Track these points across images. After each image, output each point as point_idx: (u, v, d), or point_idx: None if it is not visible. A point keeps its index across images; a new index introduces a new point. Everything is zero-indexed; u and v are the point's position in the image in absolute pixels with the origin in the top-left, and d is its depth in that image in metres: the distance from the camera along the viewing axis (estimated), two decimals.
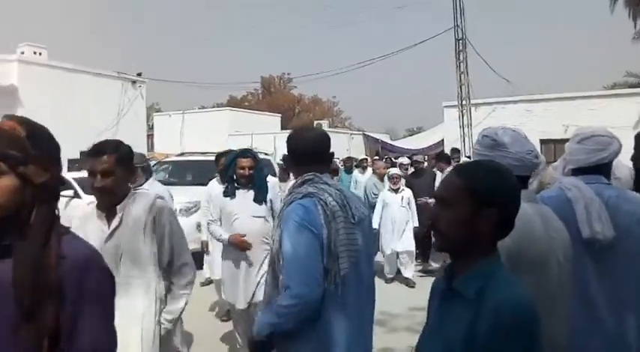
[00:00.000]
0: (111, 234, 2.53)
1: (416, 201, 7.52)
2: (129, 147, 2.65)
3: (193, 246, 5.12)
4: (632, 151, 2.80)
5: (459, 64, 16.02)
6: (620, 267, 2.23)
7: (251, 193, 4.04)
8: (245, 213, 3.99)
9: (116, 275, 1.48)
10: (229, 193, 4.06)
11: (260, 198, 4.03)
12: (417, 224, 7.33)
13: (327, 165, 2.27)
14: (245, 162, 3.98)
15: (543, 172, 2.40)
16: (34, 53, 17.45)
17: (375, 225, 7.07)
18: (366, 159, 10.87)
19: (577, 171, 2.40)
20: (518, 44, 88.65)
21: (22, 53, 17.02)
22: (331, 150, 2.28)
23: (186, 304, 2.68)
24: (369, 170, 9.84)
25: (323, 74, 58.22)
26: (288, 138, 2.29)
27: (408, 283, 7.17)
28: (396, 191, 7.26)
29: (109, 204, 2.56)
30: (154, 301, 2.58)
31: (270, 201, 4.23)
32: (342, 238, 2.03)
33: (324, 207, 2.03)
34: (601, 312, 2.21)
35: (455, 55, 16.12)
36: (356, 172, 10.22)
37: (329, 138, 2.29)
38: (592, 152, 2.33)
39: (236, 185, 4.07)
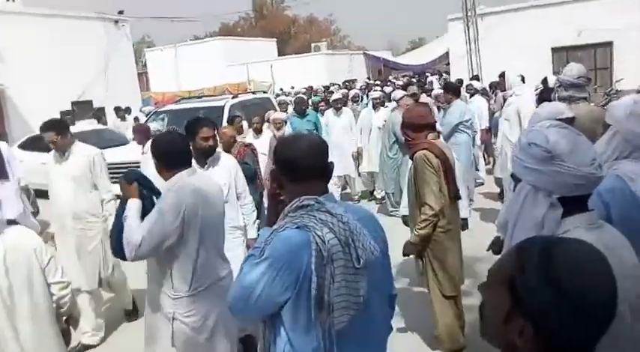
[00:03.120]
0: None
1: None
2: None
3: None
4: None
5: None
6: None
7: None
8: None
9: None
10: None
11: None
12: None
13: (326, 182, 1.80)
14: None
15: None
16: (7, 0, 16.30)
17: None
18: (341, 98, 8.86)
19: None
20: None
21: None
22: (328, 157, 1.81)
23: None
24: (345, 109, 8.50)
25: None
26: (276, 147, 1.83)
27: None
28: None
29: None
30: None
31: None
32: (340, 286, 1.61)
33: (321, 245, 1.59)
34: None
35: None
36: (329, 113, 8.55)
37: (327, 147, 1.81)
38: None
39: None
